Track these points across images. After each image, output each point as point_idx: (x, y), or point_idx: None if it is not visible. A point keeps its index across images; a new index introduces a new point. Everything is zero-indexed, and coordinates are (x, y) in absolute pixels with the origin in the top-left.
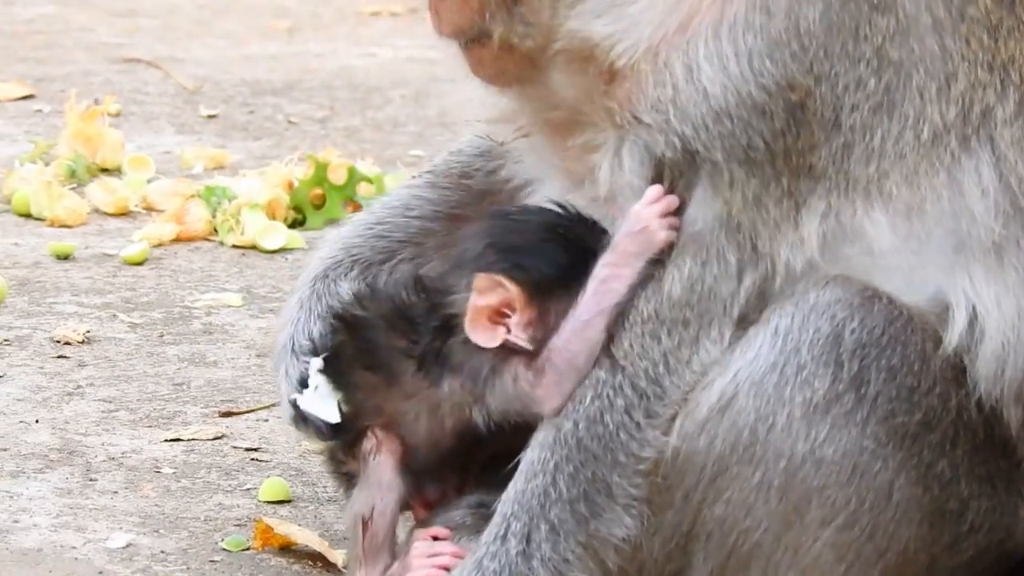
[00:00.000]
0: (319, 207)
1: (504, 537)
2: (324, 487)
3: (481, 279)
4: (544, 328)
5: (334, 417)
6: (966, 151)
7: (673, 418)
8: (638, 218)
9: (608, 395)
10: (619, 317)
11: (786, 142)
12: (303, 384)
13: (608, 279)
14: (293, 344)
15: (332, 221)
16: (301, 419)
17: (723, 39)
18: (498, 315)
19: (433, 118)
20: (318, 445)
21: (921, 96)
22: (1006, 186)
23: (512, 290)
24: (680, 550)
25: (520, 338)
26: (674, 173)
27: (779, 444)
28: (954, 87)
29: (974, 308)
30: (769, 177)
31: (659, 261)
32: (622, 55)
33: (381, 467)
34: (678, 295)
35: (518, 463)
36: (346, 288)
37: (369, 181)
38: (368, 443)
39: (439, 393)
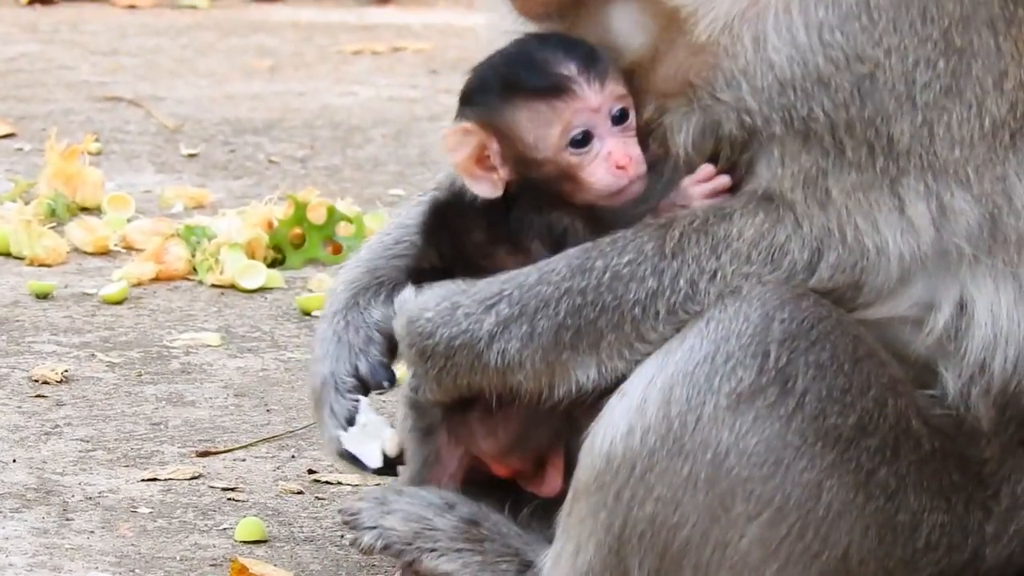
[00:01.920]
0: (299, 247)
1: (488, 309)
2: (300, 527)
3: (446, 138)
4: (523, 141)
5: (375, 462)
6: (1012, 148)
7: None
8: (687, 194)
9: (644, 270)
10: (685, 215)
11: (849, 114)
12: (350, 422)
13: None
14: (336, 382)
15: (312, 260)
16: (347, 455)
17: (793, 12)
18: (483, 162)
19: (414, 157)
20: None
21: (982, 87)
22: None
23: (473, 130)
24: (614, 556)
25: (507, 169)
26: (734, 149)
27: (706, 435)
28: (1006, 84)
29: (964, 304)
30: (834, 152)
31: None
32: (704, 29)
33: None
34: (749, 235)
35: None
36: (379, 314)
37: (349, 220)
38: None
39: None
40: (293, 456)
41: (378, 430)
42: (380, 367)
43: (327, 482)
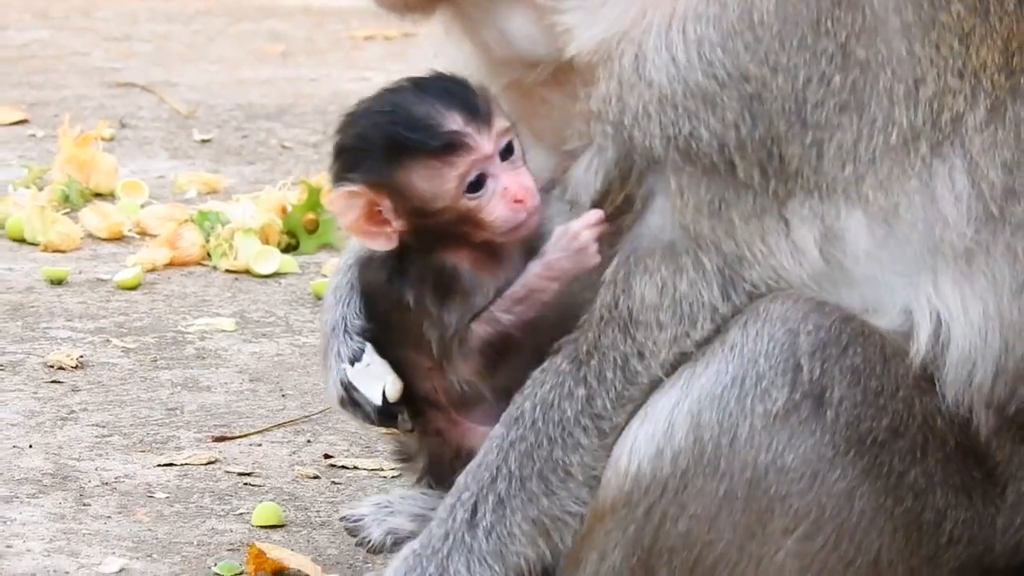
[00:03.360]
0: (312, 232)
1: (453, 506)
2: (317, 512)
3: (332, 202)
4: (418, 196)
5: (376, 398)
6: (938, 156)
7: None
8: (575, 237)
9: (568, 385)
10: (579, 309)
11: (739, 135)
12: (352, 362)
13: (536, 290)
14: (345, 324)
15: (325, 246)
16: (350, 401)
17: (674, 29)
18: (374, 218)
19: None
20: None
21: (889, 99)
22: (979, 192)
23: (361, 192)
24: (643, 565)
25: (401, 222)
26: (629, 182)
27: (743, 456)
28: (922, 91)
29: (939, 315)
30: (725, 176)
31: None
32: (581, 46)
33: None
34: (651, 299)
35: None
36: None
37: None
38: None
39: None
40: (309, 441)
41: (382, 372)
42: None
43: (343, 467)
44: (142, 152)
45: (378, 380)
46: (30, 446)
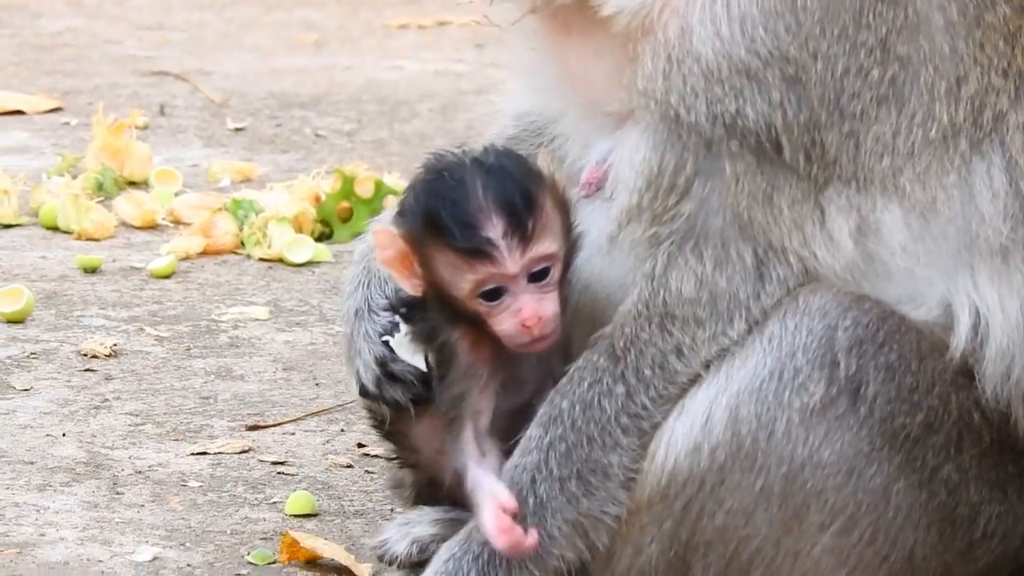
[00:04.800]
0: (346, 220)
1: None
2: (350, 501)
3: (376, 233)
4: (439, 275)
5: (422, 364)
6: (978, 153)
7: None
8: (499, 530)
9: (607, 383)
10: (617, 306)
11: (786, 116)
12: (388, 333)
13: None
14: (369, 305)
15: (359, 235)
16: (388, 378)
17: (718, 3)
18: (406, 263)
19: (460, 131)
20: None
21: (930, 94)
22: (1016, 191)
23: (400, 239)
24: (679, 559)
25: (424, 283)
26: (677, 166)
27: (780, 450)
28: (964, 89)
29: (977, 310)
30: (773, 160)
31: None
32: (614, 7)
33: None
34: (689, 294)
35: None
36: None
37: (396, 194)
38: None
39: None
40: (342, 430)
41: (417, 345)
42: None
43: (377, 456)
44: (176, 140)
45: (417, 352)
46: (64, 435)
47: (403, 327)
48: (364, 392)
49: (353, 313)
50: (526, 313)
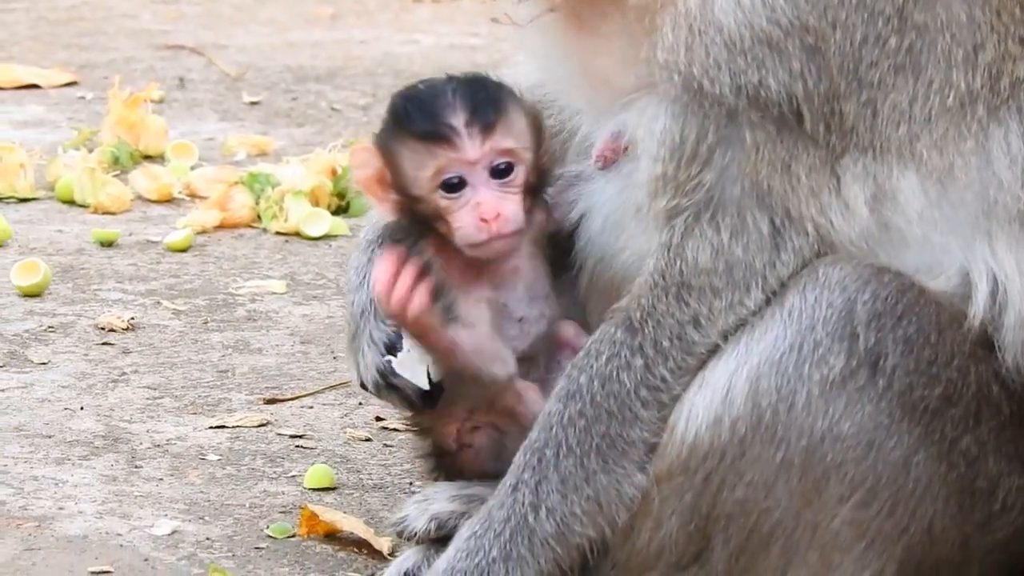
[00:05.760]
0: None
1: (515, 487)
2: (369, 474)
3: (356, 151)
4: (403, 175)
5: (424, 383)
6: (995, 120)
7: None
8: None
9: (625, 355)
10: (633, 277)
11: (806, 87)
12: (390, 350)
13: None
14: (374, 308)
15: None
16: (387, 386)
17: None
18: (382, 184)
19: None
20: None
21: (947, 61)
22: None
23: (372, 152)
24: (699, 532)
25: (395, 197)
26: (698, 135)
27: (800, 423)
28: (981, 56)
29: (995, 277)
30: (794, 129)
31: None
32: None
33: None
34: (705, 263)
35: None
36: None
37: None
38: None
39: None
40: (360, 403)
41: (422, 355)
42: None
43: (395, 429)
44: (191, 114)
45: (420, 364)
46: (81, 408)
47: (404, 342)
48: (363, 387)
49: (359, 311)
50: (484, 207)
